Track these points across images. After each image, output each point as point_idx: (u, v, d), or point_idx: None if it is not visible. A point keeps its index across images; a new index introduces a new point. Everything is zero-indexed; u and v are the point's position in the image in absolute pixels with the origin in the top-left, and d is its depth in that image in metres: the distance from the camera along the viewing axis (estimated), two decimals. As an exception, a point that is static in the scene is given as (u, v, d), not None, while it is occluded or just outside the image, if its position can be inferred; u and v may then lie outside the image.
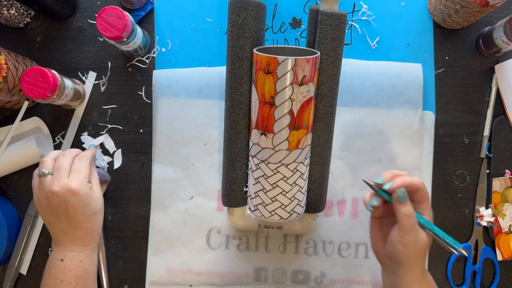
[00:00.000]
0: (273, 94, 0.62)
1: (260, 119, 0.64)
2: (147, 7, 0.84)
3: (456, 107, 0.84)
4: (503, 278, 0.84)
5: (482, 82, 0.84)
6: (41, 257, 0.84)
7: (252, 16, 0.67)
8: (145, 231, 0.84)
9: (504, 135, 0.84)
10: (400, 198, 0.62)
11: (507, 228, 0.83)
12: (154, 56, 0.84)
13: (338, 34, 0.67)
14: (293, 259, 0.82)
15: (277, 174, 0.65)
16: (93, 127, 0.84)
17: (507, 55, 0.84)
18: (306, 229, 0.77)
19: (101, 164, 0.83)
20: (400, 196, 0.62)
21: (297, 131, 0.64)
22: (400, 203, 0.62)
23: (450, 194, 0.84)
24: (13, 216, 0.83)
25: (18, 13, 0.82)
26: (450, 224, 0.83)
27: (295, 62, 0.61)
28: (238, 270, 0.82)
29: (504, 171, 0.83)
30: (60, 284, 0.66)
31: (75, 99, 0.81)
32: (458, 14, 0.78)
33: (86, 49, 0.85)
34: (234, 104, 0.69)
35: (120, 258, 0.84)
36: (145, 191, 0.84)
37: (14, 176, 0.84)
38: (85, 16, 0.85)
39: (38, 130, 0.84)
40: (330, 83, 0.68)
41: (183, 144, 0.82)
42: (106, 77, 0.84)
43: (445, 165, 0.84)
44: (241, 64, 0.67)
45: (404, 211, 0.62)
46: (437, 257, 0.83)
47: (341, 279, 0.82)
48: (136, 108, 0.84)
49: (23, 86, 0.73)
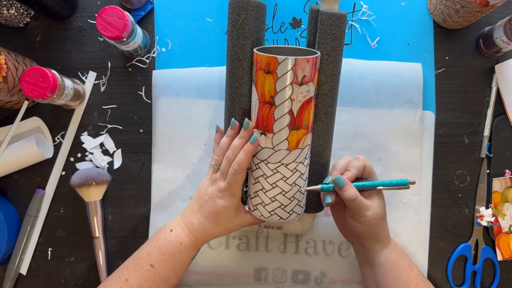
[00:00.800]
0: (273, 94, 0.62)
1: (260, 118, 0.64)
2: (147, 7, 0.84)
3: (456, 107, 0.84)
4: (503, 278, 0.84)
5: (482, 82, 0.84)
6: (41, 257, 0.84)
7: (253, 16, 0.67)
8: (145, 231, 0.84)
9: (504, 135, 0.84)
10: (338, 185, 0.65)
11: (507, 228, 0.83)
12: (154, 56, 0.84)
13: (338, 34, 0.67)
14: (293, 259, 0.82)
15: (277, 174, 0.65)
16: (93, 127, 0.84)
17: (507, 55, 0.84)
18: (306, 229, 0.77)
19: (101, 164, 0.83)
20: (337, 184, 0.65)
21: (297, 131, 0.64)
22: (340, 189, 0.65)
23: (450, 194, 0.84)
24: (13, 216, 0.83)
25: (18, 13, 0.82)
26: (450, 224, 0.83)
27: (295, 62, 0.61)
28: (238, 270, 0.82)
29: (504, 171, 0.83)
30: (158, 251, 0.68)
31: (75, 99, 0.81)
32: (458, 14, 0.78)
33: (86, 49, 0.85)
34: (234, 104, 0.69)
35: (120, 258, 0.84)
36: (145, 191, 0.84)
37: (14, 176, 0.84)
38: (85, 16, 0.85)
39: (38, 130, 0.84)
40: (330, 83, 0.68)
41: (183, 144, 0.82)
42: (106, 77, 0.84)
43: (445, 165, 0.84)
44: (241, 64, 0.67)
45: (346, 195, 0.65)
46: (437, 257, 0.83)
47: (341, 279, 0.82)
48: (136, 108, 0.84)
49: (23, 86, 0.73)
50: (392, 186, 0.67)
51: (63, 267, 0.84)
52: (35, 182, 0.84)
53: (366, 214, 0.65)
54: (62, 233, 0.84)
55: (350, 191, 0.65)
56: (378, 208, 0.66)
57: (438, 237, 0.83)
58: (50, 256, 0.84)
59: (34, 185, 0.84)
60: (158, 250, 0.68)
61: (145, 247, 0.70)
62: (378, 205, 0.67)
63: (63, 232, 0.84)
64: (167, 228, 0.70)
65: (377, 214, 0.66)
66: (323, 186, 0.67)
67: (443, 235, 0.83)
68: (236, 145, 0.66)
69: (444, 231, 0.83)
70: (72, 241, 0.84)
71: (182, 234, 0.69)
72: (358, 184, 0.67)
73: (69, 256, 0.84)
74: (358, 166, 0.67)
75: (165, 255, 0.68)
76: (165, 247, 0.68)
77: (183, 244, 0.69)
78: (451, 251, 0.83)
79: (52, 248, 0.84)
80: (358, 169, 0.67)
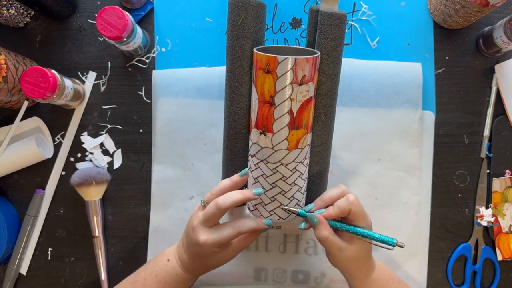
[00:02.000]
0: (273, 93, 0.62)
1: (259, 118, 0.64)
2: (147, 7, 0.84)
3: (456, 107, 0.84)
4: (503, 278, 0.84)
5: (482, 82, 0.84)
6: (41, 257, 0.84)
7: (252, 15, 0.67)
8: (145, 231, 0.84)
9: (504, 135, 0.84)
10: (311, 222, 0.64)
11: (507, 228, 0.83)
12: (154, 56, 0.84)
13: (338, 34, 0.67)
14: (293, 259, 0.82)
15: (276, 174, 0.65)
16: (93, 127, 0.84)
17: (507, 55, 0.84)
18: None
19: (101, 164, 0.84)
20: (310, 220, 0.64)
21: (297, 130, 0.64)
22: (313, 225, 0.64)
23: (450, 194, 0.84)
24: (13, 216, 0.83)
25: (18, 13, 0.82)
26: (450, 224, 0.83)
27: (295, 61, 0.61)
28: (238, 270, 0.82)
29: (504, 171, 0.83)
30: (154, 277, 0.69)
31: (75, 99, 0.81)
32: (458, 14, 0.78)
33: (86, 49, 0.85)
34: (234, 104, 0.69)
35: (120, 258, 0.84)
36: (145, 191, 0.84)
37: (14, 176, 0.84)
38: (85, 16, 0.85)
39: (38, 130, 0.84)
40: (330, 83, 0.68)
41: (183, 144, 0.82)
42: (106, 77, 0.85)
43: (445, 165, 0.84)
44: (241, 63, 0.67)
45: (316, 234, 0.64)
46: (437, 257, 0.83)
47: (341, 279, 0.82)
48: (136, 108, 0.84)
49: (23, 86, 0.73)
50: (376, 240, 0.64)
51: (63, 267, 0.84)
52: (35, 182, 0.84)
53: (338, 255, 0.64)
54: (62, 233, 0.84)
55: (322, 231, 0.63)
56: (354, 252, 0.64)
57: (438, 237, 0.83)
58: (50, 256, 0.84)
59: (34, 185, 0.84)
60: (154, 276, 0.69)
61: (143, 271, 0.70)
62: (356, 249, 0.64)
63: (63, 232, 0.84)
64: (165, 257, 0.70)
65: (351, 257, 0.64)
66: (301, 212, 0.66)
67: (443, 235, 0.83)
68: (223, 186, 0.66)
69: (444, 231, 0.83)
70: (72, 241, 0.84)
71: (177, 266, 0.69)
72: (336, 224, 0.65)
73: (69, 256, 0.84)
74: (343, 207, 0.63)
75: (160, 282, 0.69)
76: (161, 275, 0.69)
77: (179, 276, 0.69)
78: (451, 251, 0.83)
79: (52, 248, 0.84)
80: (341, 211, 0.63)
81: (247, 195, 0.65)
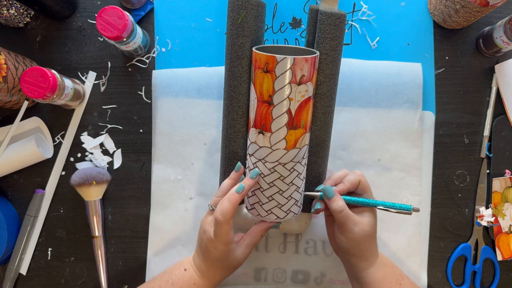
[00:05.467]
0: (271, 93, 0.62)
1: (258, 117, 0.64)
2: (147, 7, 0.84)
3: (456, 107, 0.84)
4: (503, 278, 0.83)
5: (482, 82, 0.84)
6: (41, 257, 0.84)
7: (252, 14, 0.67)
8: (145, 231, 0.84)
9: (504, 135, 0.83)
10: (326, 195, 0.65)
11: (507, 228, 0.83)
12: (154, 56, 0.84)
13: (338, 34, 0.67)
14: (293, 259, 0.82)
15: (274, 173, 0.65)
16: (93, 127, 0.84)
17: (507, 55, 0.84)
18: (303, 228, 0.77)
19: (101, 164, 0.84)
20: (325, 193, 0.66)
21: (295, 130, 0.64)
22: (328, 199, 0.65)
23: (450, 194, 0.84)
24: (13, 216, 0.83)
25: (18, 13, 0.82)
26: (450, 224, 0.83)
27: (294, 61, 0.61)
28: (238, 270, 0.81)
29: (504, 171, 0.83)
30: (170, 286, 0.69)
31: (75, 99, 0.81)
32: (458, 14, 0.78)
33: (86, 49, 0.85)
34: (233, 103, 0.69)
35: (120, 258, 0.84)
36: (145, 191, 0.84)
37: (14, 176, 0.84)
38: (85, 16, 0.85)
39: (38, 130, 0.84)
40: (329, 83, 0.68)
41: (182, 144, 0.82)
42: (106, 77, 0.85)
43: (445, 165, 0.84)
44: (240, 62, 0.67)
45: (333, 206, 0.65)
46: (437, 257, 0.83)
47: (341, 279, 0.81)
48: (136, 108, 0.84)
49: (23, 86, 0.73)
50: (394, 208, 0.66)
51: (63, 267, 0.84)
52: (35, 182, 0.84)
53: (353, 229, 0.65)
54: (62, 233, 0.84)
55: (338, 202, 0.65)
56: (367, 226, 0.65)
57: (438, 237, 0.83)
58: (50, 256, 0.84)
59: (34, 185, 0.84)
60: (171, 285, 0.69)
61: (158, 279, 0.71)
62: (367, 222, 0.66)
63: (63, 232, 0.84)
64: (181, 266, 0.71)
65: (364, 232, 0.65)
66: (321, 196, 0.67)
67: (443, 235, 0.83)
68: (225, 186, 0.67)
69: (444, 231, 0.83)
70: (72, 241, 0.84)
71: (195, 275, 0.70)
72: (350, 199, 0.66)
73: (69, 256, 0.84)
74: (353, 180, 0.67)
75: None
76: (178, 284, 0.69)
77: (197, 285, 0.69)
78: (451, 251, 0.83)
79: (52, 248, 0.84)
80: (351, 183, 0.66)
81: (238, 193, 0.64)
